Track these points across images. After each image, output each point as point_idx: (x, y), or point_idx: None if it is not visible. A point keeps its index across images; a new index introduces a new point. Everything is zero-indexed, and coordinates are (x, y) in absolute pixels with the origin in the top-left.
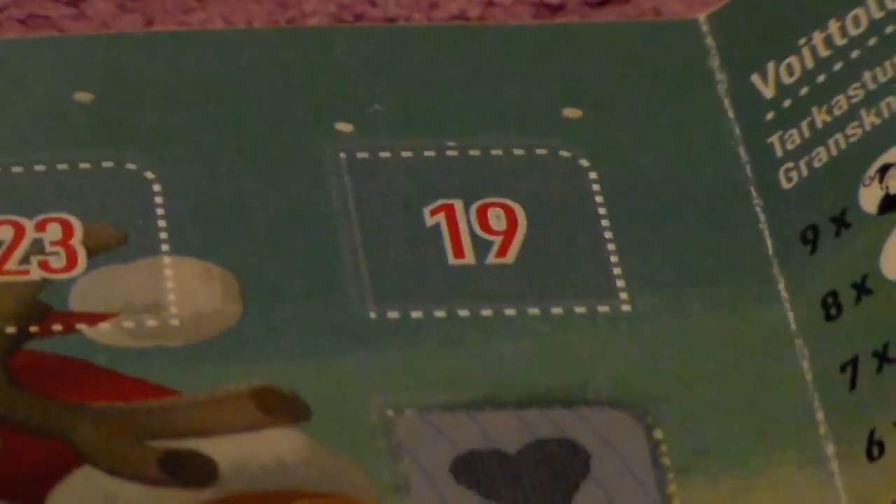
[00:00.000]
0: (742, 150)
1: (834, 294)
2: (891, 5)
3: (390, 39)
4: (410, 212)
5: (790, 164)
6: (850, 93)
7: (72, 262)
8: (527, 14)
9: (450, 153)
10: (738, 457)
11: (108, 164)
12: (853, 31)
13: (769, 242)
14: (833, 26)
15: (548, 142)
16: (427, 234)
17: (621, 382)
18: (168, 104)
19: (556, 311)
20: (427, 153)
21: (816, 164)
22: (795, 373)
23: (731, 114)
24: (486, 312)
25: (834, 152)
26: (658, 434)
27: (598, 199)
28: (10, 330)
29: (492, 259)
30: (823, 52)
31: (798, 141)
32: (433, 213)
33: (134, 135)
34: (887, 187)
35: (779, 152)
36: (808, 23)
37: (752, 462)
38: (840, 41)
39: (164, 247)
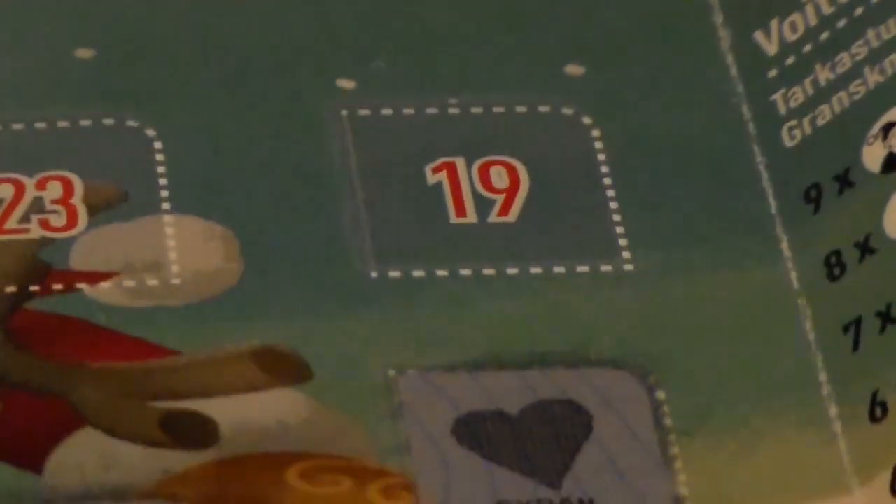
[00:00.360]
0: (745, 108)
1: (837, 253)
2: None
3: None
4: (412, 170)
5: (793, 122)
6: (854, 50)
7: (72, 220)
8: None
9: (452, 111)
10: (741, 418)
11: (108, 122)
12: None
13: (772, 201)
14: None
15: (550, 99)
16: (429, 193)
17: (624, 342)
18: (169, 61)
19: (559, 270)
20: (429, 110)
21: (820, 122)
22: (798, 333)
23: (733, 71)
24: (489, 271)
25: (837, 110)
26: (660, 395)
27: (601, 156)
28: (10, 289)
29: (494, 217)
30: (827, 10)
31: (801, 98)
32: (435, 171)
33: (135, 92)
34: (891, 146)
35: (782, 110)
36: None
37: (754, 423)
38: None
39: (165, 205)
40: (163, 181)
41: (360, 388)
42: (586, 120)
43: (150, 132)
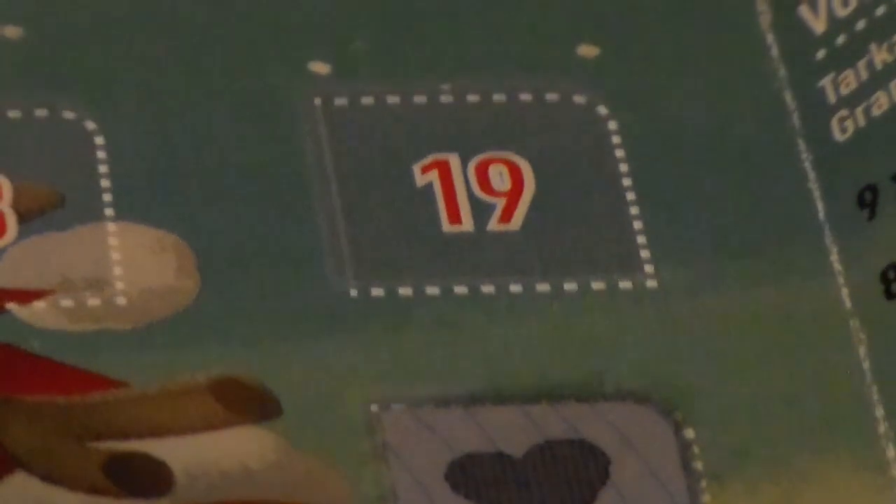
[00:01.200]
0: (788, 96)
1: None
2: None
3: None
4: (398, 169)
5: (845, 112)
6: None
7: (0, 228)
8: None
9: (444, 99)
10: (782, 460)
11: (41, 113)
12: None
13: (820, 205)
14: None
15: (560, 85)
16: (417, 196)
17: (646, 372)
18: (112, 41)
19: (570, 287)
20: (417, 99)
21: (875, 113)
22: (851, 360)
23: (775, 52)
24: (487, 289)
25: None
26: (689, 433)
27: (619, 153)
28: None
29: (494, 225)
30: None
31: (854, 85)
32: (424, 170)
33: (72, 78)
34: None
35: (831, 98)
36: None
37: (798, 465)
38: None
39: (109, 211)
40: (105, 183)
41: (338, 426)
42: (601, 110)
43: (90, 125)
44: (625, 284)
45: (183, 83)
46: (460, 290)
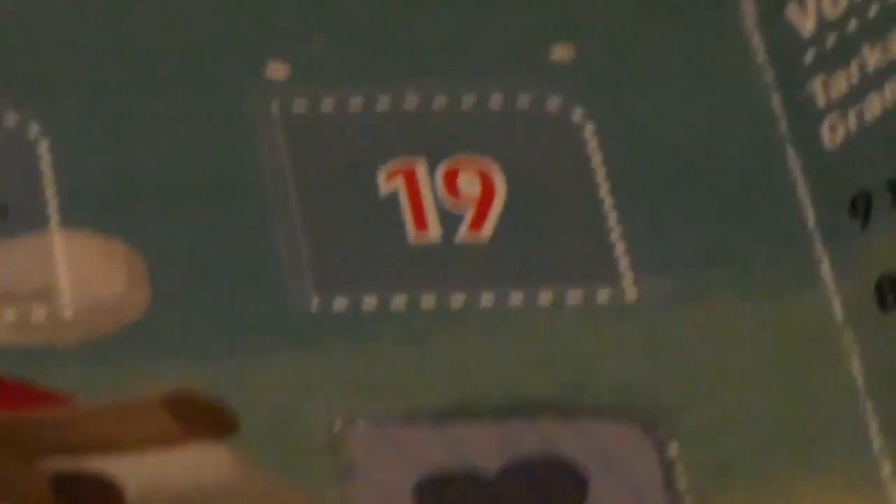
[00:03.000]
0: (776, 100)
1: (891, 279)
2: None
3: None
4: (361, 176)
5: (835, 117)
6: None
7: None
8: None
9: (410, 103)
10: (772, 478)
11: None
12: None
13: (810, 214)
14: None
15: (533, 88)
16: (382, 204)
17: (626, 387)
18: (58, 40)
19: (544, 299)
20: (381, 103)
21: (868, 117)
22: (843, 374)
23: (761, 54)
24: (457, 301)
25: (890, 102)
26: (672, 450)
27: (596, 158)
28: None
29: (463, 235)
30: None
31: (845, 88)
32: (389, 177)
33: (13, 78)
34: None
35: (821, 102)
36: None
37: (789, 484)
38: None
39: (54, 219)
40: (50, 190)
41: (300, 444)
42: (577, 114)
43: (34, 129)
44: (603, 296)
45: (132, 85)
46: (428, 302)
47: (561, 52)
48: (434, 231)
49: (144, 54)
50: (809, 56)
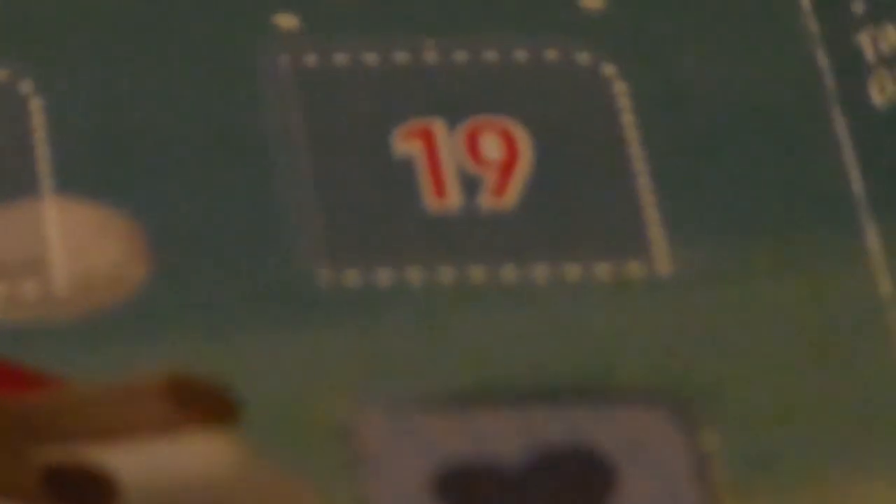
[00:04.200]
0: (821, 54)
1: None
2: None
3: None
4: (375, 137)
5: (885, 73)
6: None
7: None
8: None
9: (428, 57)
10: (816, 469)
11: None
12: None
13: (857, 180)
14: None
15: (560, 41)
16: (397, 167)
17: (658, 370)
18: None
19: (572, 273)
20: (398, 57)
21: None
22: (891, 356)
23: (805, 3)
24: (477, 275)
25: None
26: (707, 439)
27: (628, 119)
28: None
29: (484, 201)
30: None
31: None
32: (405, 137)
33: (3, 31)
34: None
35: (870, 56)
36: None
37: (833, 476)
38: None
39: (46, 185)
40: (42, 152)
41: (307, 431)
42: (608, 69)
43: (26, 86)
44: (635, 270)
45: (132, 38)
46: (446, 275)
47: (590, 3)
48: (453, 198)
49: (145, 6)
50: (857, 6)
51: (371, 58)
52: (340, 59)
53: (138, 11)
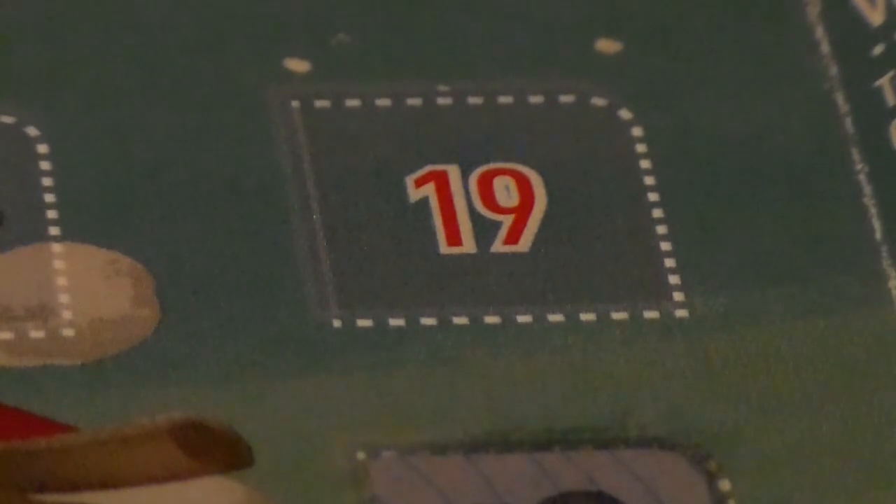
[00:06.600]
0: (840, 98)
1: None
2: None
3: None
4: (388, 182)
5: None
6: None
7: None
8: None
9: (442, 101)
10: None
11: None
12: None
13: (877, 224)
14: None
15: (576, 85)
16: (411, 213)
17: (674, 415)
18: (59, 34)
19: (587, 317)
20: (410, 101)
21: None
22: None
23: (825, 47)
24: (491, 319)
25: None
26: (724, 485)
27: (645, 163)
28: None
29: (499, 246)
30: None
31: None
32: (419, 183)
33: (9, 76)
34: None
35: (890, 100)
36: None
37: None
38: None
39: (54, 230)
40: (50, 198)
41: (320, 477)
42: (624, 114)
43: (32, 131)
44: (651, 314)
45: (140, 83)
46: (460, 320)
47: (606, 47)
48: (467, 243)
49: (153, 51)
50: (878, 50)
51: (383, 102)
52: (352, 103)
53: (148, 55)
